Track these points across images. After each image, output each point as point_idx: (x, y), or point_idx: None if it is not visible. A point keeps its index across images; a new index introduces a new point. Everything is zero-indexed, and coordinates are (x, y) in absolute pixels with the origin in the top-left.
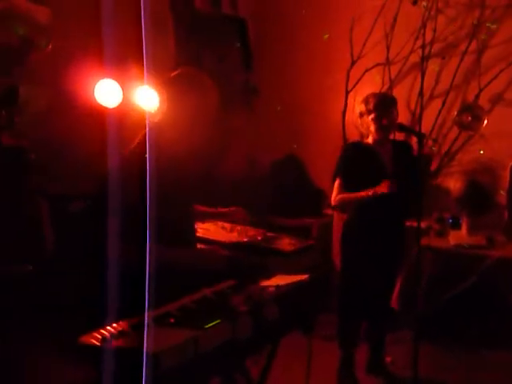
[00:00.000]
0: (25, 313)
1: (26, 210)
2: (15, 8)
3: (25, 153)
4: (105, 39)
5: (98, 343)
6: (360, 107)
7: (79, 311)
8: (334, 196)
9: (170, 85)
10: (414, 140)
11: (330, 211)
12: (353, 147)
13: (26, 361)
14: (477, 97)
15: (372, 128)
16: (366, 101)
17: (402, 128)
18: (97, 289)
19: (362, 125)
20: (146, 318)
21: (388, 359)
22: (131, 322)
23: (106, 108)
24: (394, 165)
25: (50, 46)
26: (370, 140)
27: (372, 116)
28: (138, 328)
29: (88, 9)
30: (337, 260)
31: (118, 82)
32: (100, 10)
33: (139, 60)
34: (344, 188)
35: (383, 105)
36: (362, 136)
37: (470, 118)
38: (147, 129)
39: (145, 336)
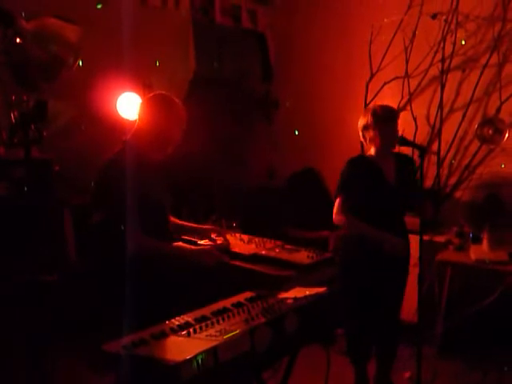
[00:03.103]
0: (50, 320)
1: (50, 221)
2: (48, 27)
3: (50, 165)
4: (125, 54)
5: (119, 351)
6: (364, 119)
7: (101, 320)
8: (337, 213)
9: (147, 103)
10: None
11: None
12: (355, 162)
13: (50, 367)
14: (498, 110)
15: (376, 141)
16: (369, 113)
17: (403, 141)
18: (116, 298)
19: (364, 137)
20: (164, 327)
21: (406, 374)
22: (151, 330)
23: (127, 120)
24: (396, 178)
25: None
26: (372, 152)
27: (376, 129)
28: (158, 337)
29: (111, 26)
30: None
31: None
32: (123, 27)
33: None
34: (346, 204)
35: (388, 118)
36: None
37: (491, 131)
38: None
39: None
